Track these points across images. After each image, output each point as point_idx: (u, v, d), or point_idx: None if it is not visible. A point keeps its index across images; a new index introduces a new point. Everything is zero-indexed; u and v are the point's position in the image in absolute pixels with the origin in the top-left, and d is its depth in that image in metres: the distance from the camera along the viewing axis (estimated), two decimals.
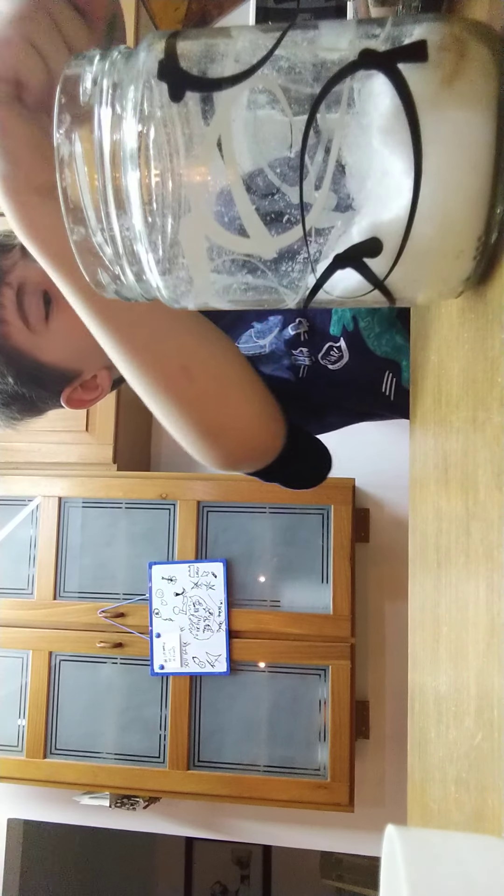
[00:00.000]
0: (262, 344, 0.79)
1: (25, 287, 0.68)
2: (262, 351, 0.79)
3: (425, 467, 0.43)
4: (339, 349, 0.79)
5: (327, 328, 0.78)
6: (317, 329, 0.78)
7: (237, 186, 0.27)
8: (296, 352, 0.79)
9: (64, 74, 0.29)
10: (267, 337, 0.79)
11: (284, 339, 0.78)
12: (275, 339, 0.78)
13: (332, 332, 0.78)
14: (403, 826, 0.23)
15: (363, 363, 0.79)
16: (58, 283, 0.49)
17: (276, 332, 0.78)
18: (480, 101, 0.26)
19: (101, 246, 0.30)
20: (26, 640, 2.01)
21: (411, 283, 0.30)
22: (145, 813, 2.12)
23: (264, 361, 0.80)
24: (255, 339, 0.79)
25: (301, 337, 0.78)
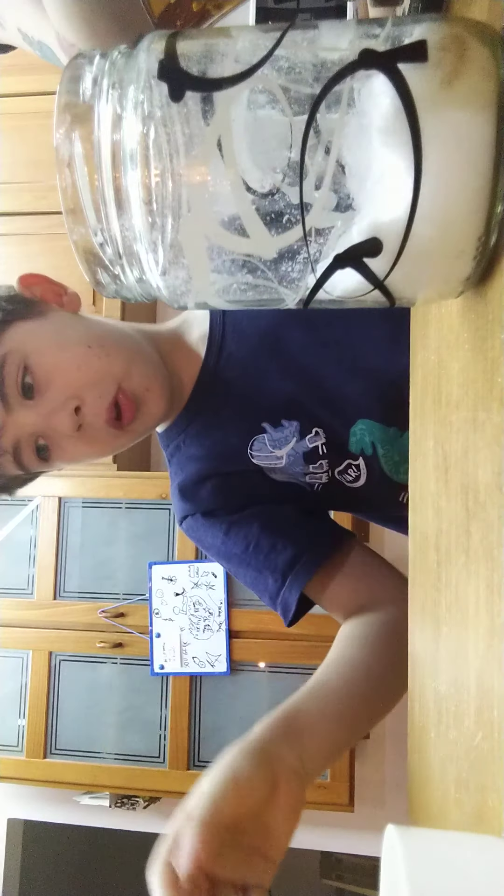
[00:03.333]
0: (278, 455, 0.75)
1: (20, 444, 0.68)
2: (277, 463, 0.75)
3: (425, 467, 0.43)
4: (358, 468, 0.76)
5: (346, 443, 0.75)
6: (335, 442, 0.75)
7: (237, 186, 0.27)
8: (314, 466, 0.76)
9: (64, 74, 0.29)
10: (283, 448, 0.75)
11: (302, 453, 0.74)
12: (292, 452, 0.75)
13: (352, 451, 0.75)
14: (403, 826, 0.23)
15: (381, 485, 0.76)
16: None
17: (294, 443, 0.74)
18: (480, 101, 0.26)
19: (101, 246, 0.30)
20: (26, 640, 2.01)
21: (411, 283, 0.30)
22: (145, 813, 2.12)
23: (281, 472, 0.77)
24: (270, 448, 0.75)
25: (319, 450, 0.75)
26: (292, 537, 0.74)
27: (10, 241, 2.24)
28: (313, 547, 0.74)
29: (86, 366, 0.67)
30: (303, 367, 0.73)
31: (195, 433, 0.77)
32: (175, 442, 0.79)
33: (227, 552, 0.77)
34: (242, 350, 0.75)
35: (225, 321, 0.76)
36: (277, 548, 0.74)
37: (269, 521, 0.75)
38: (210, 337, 0.75)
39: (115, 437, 0.70)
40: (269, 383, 0.74)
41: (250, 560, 0.75)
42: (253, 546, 0.75)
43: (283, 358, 0.74)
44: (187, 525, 0.80)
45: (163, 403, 0.72)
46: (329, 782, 1.80)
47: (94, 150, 0.28)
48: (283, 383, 0.74)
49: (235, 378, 0.75)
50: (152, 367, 0.72)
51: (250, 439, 0.75)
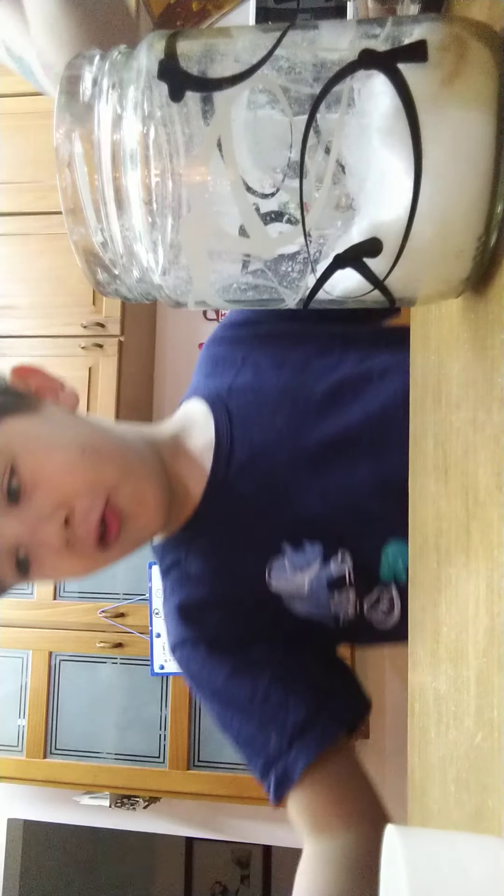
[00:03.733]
0: (300, 582, 0.65)
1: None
2: (299, 591, 0.66)
3: (425, 467, 0.43)
4: (392, 600, 0.66)
5: (377, 568, 0.65)
6: (364, 567, 0.65)
7: (237, 186, 0.27)
8: (339, 595, 0.66)
9: (64, 74, 0.29)
10: (305, 572, 0.65)
11: (327, 579, 0.65)
12: (315, 578, 0.65)
13: (383, 578, 0.65)
14: (403, 826, 0.23)
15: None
16: None
17: (317, 568, 0.65)
18: (480, 101, 0.26)
19: (101, 246, 0.30)
20: (26, 640, 2.01)
21: (411, 283, 0.30)
22: (145, 813, 2.12)
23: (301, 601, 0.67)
24: (290, 573, 0.65)
25: (346, 577, 0.65)
26: (307, 695, 0.65)
27: (10, 241, 2.24)
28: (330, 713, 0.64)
29: (78, 472, 0.59)
30: (326, 480, 0.65)
31: (200, 551, 0.69)
32: (174, 556, 0.70)
33: (227, 696, 0.67)
34: (255, 460, 0.67)
35: (233, 428, 0.68)
36: (289, 704, 0.64)
37: (282, 669, 0.66)
38: (217, 445, 0.67)
39: (101, 554, 0.61)
40: (287, 498, 0.65)
41: (254, 712, 0.65)
42: (260, 696, 0.65)
43: (304, 469, 0.65)
44: (183, 653, 0.70)
45: (156, 519, 0.65)
46: None
47: (94, 150, 0.28)
48: (303, 498, 0.65)
49: (249, 492, 0.66)
50: (148, 478, 0.64)
51: (268, 562, 0.66)
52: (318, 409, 0.67)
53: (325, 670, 0.68)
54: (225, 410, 0.69)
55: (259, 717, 0.64)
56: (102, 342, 2.18)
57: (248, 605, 0.67)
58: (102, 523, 0.60)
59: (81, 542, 0.59)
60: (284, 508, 0.66)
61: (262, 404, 0.69)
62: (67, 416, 0.66)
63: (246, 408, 0.69)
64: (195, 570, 0.69)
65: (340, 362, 0.70)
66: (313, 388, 0.68)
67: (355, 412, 0.66)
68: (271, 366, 0.71)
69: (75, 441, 0.62)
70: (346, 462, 0.65)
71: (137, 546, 0.65)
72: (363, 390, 0.67)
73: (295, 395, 0.68)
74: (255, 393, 0.70)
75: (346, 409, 0.66)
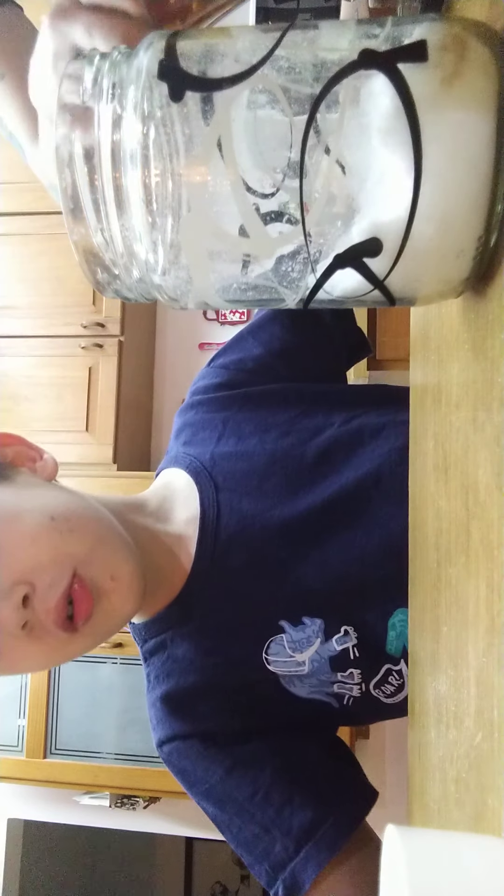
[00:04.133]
0: (299, 661, 0.60)
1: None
2: (300, 671, 0.60)
3: (425, 467, 0.43)
4: (401, 675, 0.61)
5: (383, 643, 0.60)
6: (369, 643, 0.60)
7: (237, 186, 0.27)
8: (343, 675, 0.61)
9: (64, 74, 0.29)
10: (305, 651, 0.60)
11: (329, 657, 0.60)
12: (316, 657, 0.60)
13: (390, 652, 0.61)
14: (403, 826, 0.23)
15: None
16: None
17: (318, 646, 0.60)
18: (480, 101, 0.26)
19: (101, 246, 0.30)
20: None
21: (411, 283, 0.30)
22: (145, 813, 2.12)
23: (301, 682, 0.61)
24: (289, 652, 0.60)
25: (350, 654, 0.60)
26: (313, 792, 0.59)
27: (10, 241, 2.24)
28: (339, 812, 0.58)
29: (42, 541, 0.53)
30: (324, 550, 0.61)
31: (189, 632, 0.63)
32: (160, 639, 0.64)
33: (224, 795, 0.60)
34: (246, 531, 0.62)
35: (219, 498, 0.63)
36: (293, 804, 0.58)
37: (284, 764, 0.60)
38: (203, 516, 0.63)
39: (67, 641, 0.53)
40: (283, 571, 0.61)
41: (255, 813, 0.59)
42: (262, 795, 0.59)
43: (299, 539, 0.61)
44: (172, 749, 0.63)
45: (132, 598, 0.57)
46: None
47: (94, 150, 0.28)
48: (301, 571, 0.61)
49: (240, 565, 0.62)
50: (123, 550, 0.57)
51: (265, 641, 0.60)
52: (309, 473, 0.63)
53: (330, 761, 0.63)
54: (209, 479, 0.65)
55: (261, 819, 0.59)
56: (102, 342, 2.18)
57: (244, 689, 0.62)
58: (70, 604, 0.53)
59: (41, 625, 0.52)
60: (281, 582, 0.61)
61: (249, 471, 0.65)
62: (41, 485, 0.60)
63: (232, 476, 0.65)
64: (183, 654, 0.63)
65: (327, 423, 0.66)
66: (303, 452, 0.65)
67: (349, 474, 0.63)
68: (255, 430, 0.67)
69: (44, 509, 0.55)
70: (343, 529, 0.61)
71: (110, 631, 0.57)
72: (355, 452, 0.64)
73: (284, 459, 0.64)
74: (240, 460, 0.65)
75: (338, 472, 0.63)
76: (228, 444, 0.67)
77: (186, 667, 0.63)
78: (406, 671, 0.60)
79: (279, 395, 0.70)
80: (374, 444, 0.65)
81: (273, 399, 0.70)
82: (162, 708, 0.64)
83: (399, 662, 0.61)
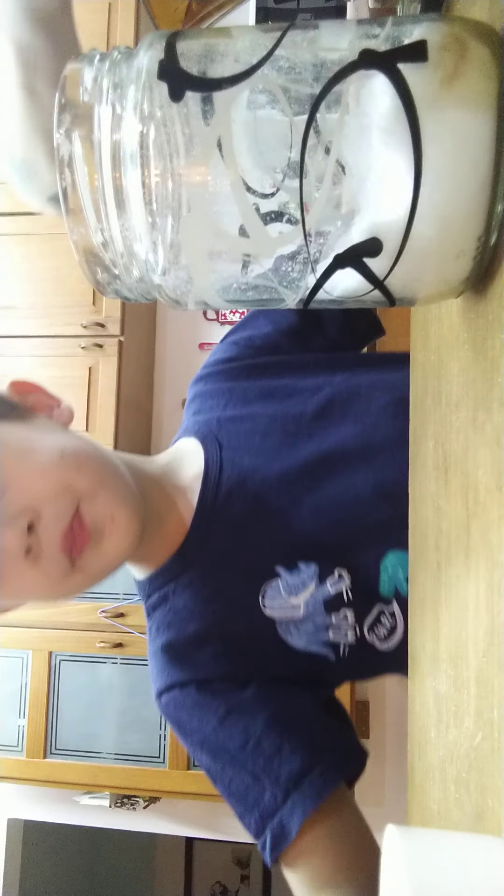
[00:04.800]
0: (295, 604, 0.63)
1: None
2: (295, 614, 0.63)
3: (425, 467, 0.43)
4: (393, 616, 0.63)
5: (376, 584, 0.62)
6: (362, 584, 0.62)
7: (237, 186, 0.27)
8: (337, 616, 0.62)
9: (64, 74, 0.29)
10: (300, 594, 0.62)
11: (323, 600, 0.62)
12: (311, 600, 0.62)
13: (383, 593, 0.62)
14: (403, 826, 0.23)
15: None
16: None
17: (313, 590, 0.62)
18: (480, 101, 0.26)
19: (101, 246, 0.30)
20: (26, 640, 2.01)
21: (411, 283, 0.30)
22: (145, 813, 2.12)
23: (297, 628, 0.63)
24: (285, 595, 0.63)
25: (344, 596, 0.62)
26: (304, 742, 0.60)
27: (10, 241, 2.24)
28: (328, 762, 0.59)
29: (51, 474, 0.57)
30: (318, 496, 0.63)
31: (190, 581, 0.66)
32: (162, 592, 0.67)
33: (217, 744, 0.62)
34: (245, 483, 0.65)
35: (222, 455, 0.67)
36: (283, 753, 0.59)
37: (277, 713, 0.62)
38: (206, 472, 0.66)
39: (66, 573, 0.57)
40: (280, 519, 0.64)
41: (245, 761, 0.60)
42: (253, 744, 0.60)
43: (295, 487, 0.64)
44: (169, 699, 0.66)
45: (127, 540, 0.60)
46: None
47: (94, 150, 0.28)
48: (296, 518, 0.63)
49: (239, 515, 0.65)
50: (125, 494, 0.61)
51: (262, 586, 0.63)
52: (308, 428, 0.66)
53: (323, 716, 0.64)
54: (215, 440, 0.69)
55: (252, 768, 0.60)
56: (102, 342, 2.18)
57: (242, 636, 0.64)
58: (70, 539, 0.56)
59: (46, 553, 0.56)
60: (277, 530, 0.64)
61: (251, 431, 0.68)
62: (56, 427, 0.64)
63: (236, 436, 0.68)
64: (184, 604, 0.65)
65: (327, 382, 0.70)
66: (303, 409, 0.68)
67: (346, 427, 0.65)
68: (259, 395, 0.71)
69: (56, 446, 0.59)
70: (337, 476, 0.64)
71: (105, 573, 0.62)
72: (352, 406, 0.67)
73: (284, 418, 0.68)
74: (244, 422, 0.69)
75: (336, 426, 0.66)
76: (233, 410, 0.71)
77: (186, 616, 0.65)
78: (399, 612, 0.62)
79: (283, 364, 0.74)
80: (372, 396, 0.67)
81: (277, 368, 0.73)
82: (162, 657, 0.66)
83: (391, 603, 0.62)
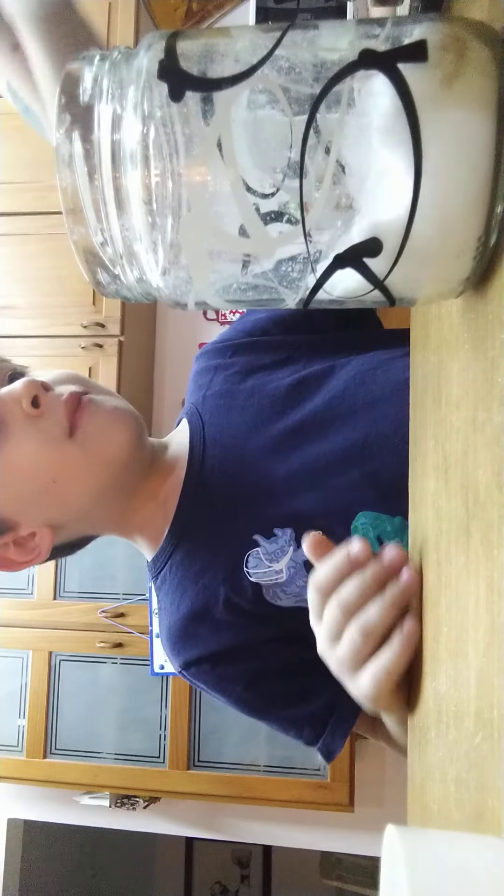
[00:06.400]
0: (277, 570, 0.65)
1: None
2: (278, 578, 0.65)
3: (425, 467, 0.43)
4: None
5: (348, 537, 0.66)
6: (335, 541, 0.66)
7: (237, 186, 0.27)
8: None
9: (64, 74, 0.29)
10: (281, 560, 0.65)
11: (303, 562, 0.64)
12: (292, 564, 0.65)
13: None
14: (403, 826, 0.23)
15: None
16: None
17: (291, 553, 0.65)
18: (480, 101, 0.26)
19: (101, 246, 0.30)
20: (26, 640, 2.01)
21: (411, 283, 0.30)
22: (145, 813, 2.12)
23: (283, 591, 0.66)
24: (266, 562, 0.65)
25: None
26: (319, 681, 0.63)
27: (10, 241, 2.24)
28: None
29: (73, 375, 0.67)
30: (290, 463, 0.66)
31: (180, 558, 0.69)
32: (161, 573, 0.70)
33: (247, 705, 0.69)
34: (226, 458, 0.69)
35: (205, 432, 0.71)
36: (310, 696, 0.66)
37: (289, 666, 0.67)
38: (191, 449, 0.70)
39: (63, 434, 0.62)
40: (257, 490, 0.67)
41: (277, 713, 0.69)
42: (281, 703, 0.68)
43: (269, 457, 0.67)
44: (192, 674, 0.70)
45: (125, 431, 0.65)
46: (329, 782, 1.80)
47: (94, 150, 0.28)
48: (271, 486, 0.66)
49: (222, 490, 0.68)
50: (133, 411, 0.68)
51: (244, 556, 0.66)
52: (283, 402, 0.69)
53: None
54: (198, 417, 0.72)
55: (285, 717, 0.68)
56: (102, 342, 2.18)
57: (233, 607, 0.66)
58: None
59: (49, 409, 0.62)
60: (255, 501, 0.67)
61: (230, 406, 0.71)
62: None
63: (217, 412, 0.72)
64: (178, 582, 0.68)
65: (307, 365, 0.72)
66: (278, 386, 0.71)
67: (318, 399, 0.68)
68: (240, 371, 0.74)
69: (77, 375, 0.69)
70: (308, 444, 0.67)
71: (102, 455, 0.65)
72: (327, 382, 0.69)
73: (261, 394, 0.71)
74: (224, 397, 0.72)
75: (309, 399, 0.69)
76: (217, 386, 0.74)
77: (181, 595, 0.68)
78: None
79: (266, 344, 0.77)
80: (343, 371, 0.70)
81: (261, 347, 0.76)
82: (171, 637, 0.69)
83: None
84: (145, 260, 0.30)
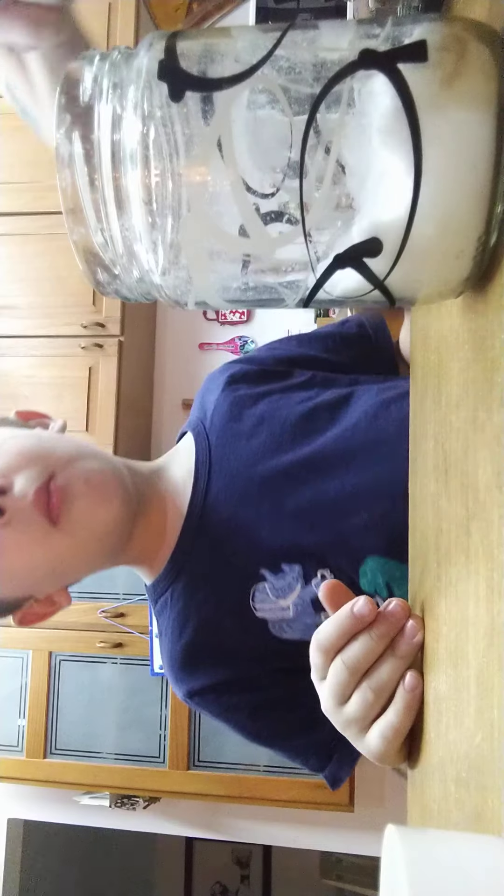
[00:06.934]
0: (284, 606, 0.64)
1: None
2: (285, 615, 0.64)
3: (425, 467, 0.43)
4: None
5: (357, 584, 0.64)
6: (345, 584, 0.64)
7: (237, 186, 0.27)
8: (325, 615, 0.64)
9: (64, 74, 0.29)
10: (288, 596, 0.64)
11: (310, 600, 0.63)
12: (299, 601, 0.64)
13: (364, 588, 0.63)
14: (403, 826, 0.23)
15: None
16: None
17: (299, 590, 0.64)
18: (480, 101, 0.26)
19: (101, 246, 0.30)
20: (26, 640, 2.01)
21: (411, 284, 0.30)
22: (145, 813, 2.12)
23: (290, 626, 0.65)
24: (273, 598, 0.64)
25: None
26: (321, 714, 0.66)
27: (10, 241, 2.24)
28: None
29: (27, 452, 0.62)
30: (300, 498, 0.65)
31: (184, 586, 0.67)
32: (162, 598, 0.69)
33: (256, 733, 0.70)
34: (232, 486, 0.67)
35: (211, 457, 0.69)
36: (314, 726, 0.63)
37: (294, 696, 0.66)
38: (196, 474, 0.68)
39: (47, 532, 0.60)
40: (264, 522, 0.65)
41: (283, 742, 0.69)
42: (286, 728, 0.67)
43: (278, 490, 0.66)
44: (197, 703, 0.69)
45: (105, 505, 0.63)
46: None
47: (94, 150, 0.28)
48: (279, 520, 0.65)
49: (226, 519, 0.66)
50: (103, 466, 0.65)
51: (249, 589, 0.65)
52: (292, 432, 0.67)
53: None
54: (205, 438, 0.70)
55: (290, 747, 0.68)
56: (102, 342, 2.18)
57: (237, 638, 0.66)
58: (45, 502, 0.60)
59: (20, 512, 0.59)
60: (260, 533, 0.65)
61: (238, 432, 0.69)
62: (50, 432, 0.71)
63: (223, 434, 0.70)
64: (180, 610, 0.67)
65: (319, 394, 0.71)
66: (289, 413, 0.69)
67: (329, 433, 0.66)
68: (250, 396, 0.72)
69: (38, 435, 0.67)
70: (318, 479, 0.65)
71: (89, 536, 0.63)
72: (338, 414, 0.68)
73: (271, 420, 0.69)
74: (232, 420, 0.70)
75: (320, 431, 0.67)
76: (224, 407, 0.72)
77: (183, 623, 0.67)
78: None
79: (279, 373, 0.75)
80: (357, 404, 0.68)
81: (273, 375, 0.75)
82: (171, 668, 0.69)
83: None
84: (145, 260, 0.30)
